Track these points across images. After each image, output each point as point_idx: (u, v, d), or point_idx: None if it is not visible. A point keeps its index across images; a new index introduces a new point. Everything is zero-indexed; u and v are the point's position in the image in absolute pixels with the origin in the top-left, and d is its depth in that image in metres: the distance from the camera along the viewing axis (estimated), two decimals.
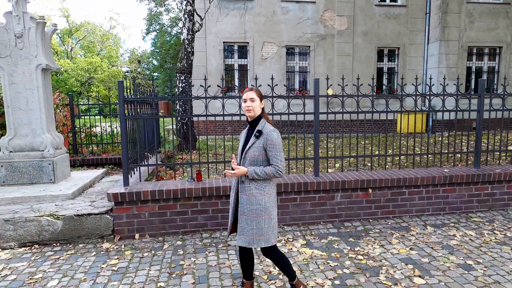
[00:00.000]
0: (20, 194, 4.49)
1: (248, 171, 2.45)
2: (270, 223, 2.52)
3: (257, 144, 2.48)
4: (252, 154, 2.48)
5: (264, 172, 2.45)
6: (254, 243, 2.49)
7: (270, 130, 2.48)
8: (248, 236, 2.49)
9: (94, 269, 3.29)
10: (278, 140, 2.47)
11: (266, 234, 2.50)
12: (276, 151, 2.45)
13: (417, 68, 13.67)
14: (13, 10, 4.82)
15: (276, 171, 2.45)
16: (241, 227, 2.52)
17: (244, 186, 2.52)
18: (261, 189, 2.49)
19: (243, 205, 2.52)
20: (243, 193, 2.52)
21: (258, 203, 2.48)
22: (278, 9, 12.72)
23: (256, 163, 2.49)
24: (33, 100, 5.00)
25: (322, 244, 3.77)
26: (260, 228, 2.48)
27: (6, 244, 3.78)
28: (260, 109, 2.55)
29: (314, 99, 4.30)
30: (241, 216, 2.53)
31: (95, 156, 6.86)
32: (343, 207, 4.36)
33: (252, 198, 2.49)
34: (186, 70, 7.89)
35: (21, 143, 5.01)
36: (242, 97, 2.55)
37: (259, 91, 2.57)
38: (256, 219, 2.48)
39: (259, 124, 2.53)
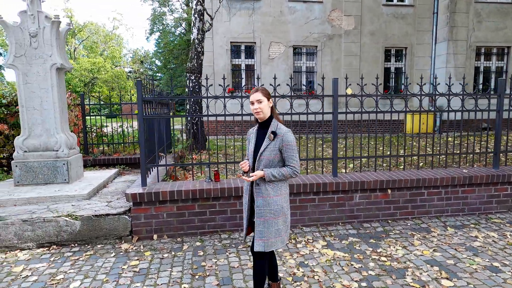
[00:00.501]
0: (36, 194, 4.46)
1: (265, 174, 2.39)
2: (285, 223, 2.50)
3: (272, 145, 2.41)
4: (268, 156, 2.42)
5: (281, 173, 2.41)
6: (273, 245, 2.43)
7: (285, 131, 2.42)
8: (266, 239, 2.41)
9: (115, 270, 3.25)
10: (294, 141, 2.44)
11: (282, 235, 2.48)
12: (292, 152, 2.42)
13: (425, 68, 13.60)
14: (28, 10, 4.80)
15: (293, 171, 2.43)
16: (259, 231, 2.43)
17: (259, 189, 2.45)
18: (277, 190, 2.44)
19: (259, 208, 2.44)
20: (259, 195, 2.45)
21: (276, 204, 2.43)
22: (285, 9, 12.68)
23: (271, 164, 2.44)
24: (47, 99, 4.97)
25: (343, 245, 3.72)
26: (278, 229, 2.44)
27: (24, 245, 3.74)
28: (269, 109, 2.47)
29: (333, 98, 4.25)
30: (258, 220, 2.44)
31: (106, 156, 6.83)
32: (361, 208, 4.32)
33: (269, 199, 2.42)
34: (196, 70, 7.85)
35: (36, 143, 4.98)
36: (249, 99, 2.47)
37: (265, 90, 2.47)
38: (274, 221, 2.42)
39: (272, 125, 2.45)
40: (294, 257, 3.46)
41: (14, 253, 3.65)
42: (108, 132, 7.47)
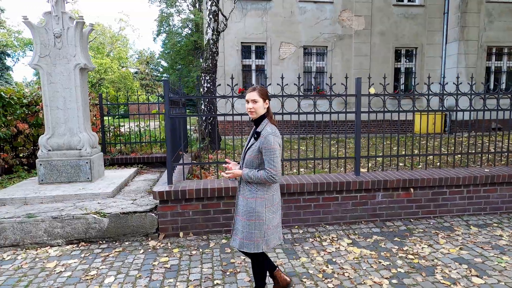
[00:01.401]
0: (61, 192, 4.54)
1: (242, 174, 2.39)
2: (260, 229, 2.41)
3: (254, 146, 2.39)
4: (249, 155, 2.41)
5: (256, 176, 2.35)
6: (244, 246, 2.43)
7: (267, 132, 2.35)
8: (240, 238, 2.44)
9: (146, 266, 3.31)
10: (274, 144, 2.32)
11: (255, 240, 2.41)
12: (270, 155, 2.31)
13: (435, 68, 13.57)
14: (53, 11, 4.88)
15: (269, 176, 2.32)
16: (235, 228, 2.50)
17: (240, 188, 2.50)
18: (253, 193, 2.41)
19: (238, 206, 2.50)
20: (239, 193, 2.51)
21: (249, 207, 2.41)
22: (296, 9, 12.72)
23: (252, 164, 2.41)
24: (70, 99, 5.05)
25: (369, 243, 3.75)
26: (250, 232, 2.40)
27: (54, 242, 3.81)
28: (263, 110, 2.43)
29: (356, 98, 4.28)
30: (236, 217, 2.51)
31: (123, 155, 6.90)
32: (384, 207, 4.34)
33: (245, 200, 2.44)
34: (211, 70, 7.91)
35: (59, 142, 5.06)
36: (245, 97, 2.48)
37: (262, 90, 2.43)
38: (247, 222, 2.41)
39: (260, 125, 2.43)
40: (321, 254, 3.49)
41: (44, 249, 3.72)
42: (125, 132, 7.54)
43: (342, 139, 10.65)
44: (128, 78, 36.93)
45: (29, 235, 3.76)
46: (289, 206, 4.15)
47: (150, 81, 47.31)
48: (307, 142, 3.82)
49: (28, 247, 3.76)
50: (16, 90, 6.44)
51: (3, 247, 3.74)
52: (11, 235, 3.73)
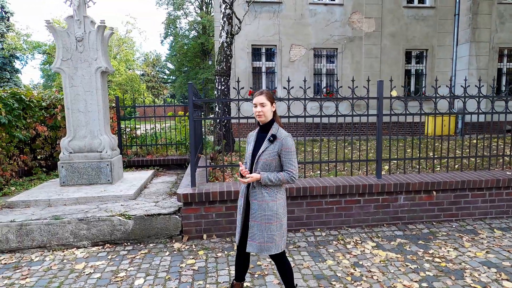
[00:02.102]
0: (84, 194, 4.58)
1: (262, 177, 2.38)
2: (280, 229, 2.46)
3: (270, 149, 2.40)
4: (265, 159, 2.41)
5: (278, 178, 2.38)
6: (265, 250, 2.43)
7: (285, 135, 2.41)
8: (259, 243, 2.43)
9: (174, 268, 3.33)
10: (293, 145, 2.42)
11: (276, 241, 2.44)
12: (291, 156, 2.39)
13: (446, 70, 13.50)
14: (75, 15, 4.94)
15: (290, 177, 2.39)
16: (252, 233, 2.46)
17: (255, 192, 2.45)
18: (273, 195, 2.43)
19: (254, 211, 2.45)
20: (254, 199, 2.46)
21: (271, 210, 2.42)
22: (306, 11, 12.74)
23: (269, 168, 2.42)
24: (91, 102, 5.11)
25: (393, 246, 3.74)
26: (271, 235, 2.42)
27: (80, 243, 3.85)
28: (271, 113, 2.47)
29: (378, 100, 4.29)
30: (252, 222, 2.46)
31: (139, 157, 6.96)
32: (406, 210, 4.33)
33: (264, 204, 2.42)
34: (225, 73, 7.95)
35: (80, 144, 5.12)
36: (252, 101, 2.49)
37: (269, 94, 2.47)
38: (267, 226, 2.41)
39: (272, 129, 2.45)
40: (347, 257, 3.49)
41: (71, 250, 3.76)
42: (141, 134, 7.60)
43: (354, 141, 10.63)
44: (135, 80, 37.12)
45: (55, 237, 3.80)
46: (311, 209, 4.16)
47: (156, 83, 47.58)
48: (321, 144, 3.84)
49: (55, 248, 3.80)
50: (35, 93, 6.52)
51: (30, 248, 3.78)
52: (38, 237, 3.78)
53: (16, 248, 3.77)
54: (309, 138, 11.59)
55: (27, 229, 3.76)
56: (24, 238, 3.76)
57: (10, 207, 4.39)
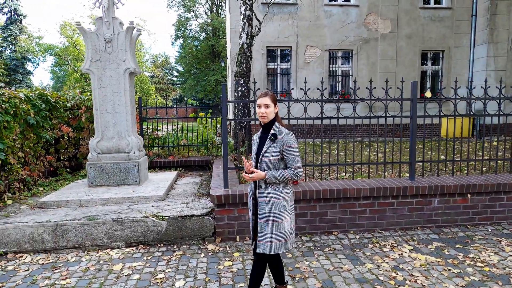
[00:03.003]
0: (113, 195, 4.59)
1: (266, 175, 2.40)
2: (289, 227, 2.48)
3: (272, 147, 2.43)
4: (268, 158, 2.43)
5: (282, 175, 2.40)
6: (275, 248, 2.43)
7: (285, 133, 2.43)
8: (269, 242, 2.43)
9: (212, 270, 3.30)
10: (294, 143, 2.44)
11: (286, 239, 2.45)
12: (293, 154, 2.41)
13: (463, 71, 13.34)
14: (104, 16, 4.97)
15: (295, 174, 2.41)
16: (261, 234, 2.46)
17: (262, 191, 2.47)
18: (279, 193, 2.45)
19: (262, 211, 2.46)
20: (261, 198, 2.47)
21: (278, 207, 2.43)
22: (321, 13, 12.69)
23: (272, 167, 2.44)
24: (119, 103, 5.12)
25: (431, 250, 3.67)
26: (280, 232, 2.43)
27: (114, 244, 3.85)
28: (273, 114, 2.50)
29: (412, 102, 4.23)
30: (261, 222, 2.47)
31: (161, 158, 6.97)
32: (440, 213, 4.26)
33: (271, 202, 2.44)
34: (245, 74, 7.93)
35: (108, 145, 5.13)
36: (256, 102, 2.51)
37: (273, 95, 2.50)
38: (276, 224, 2.43)
39: (273, 128, 2.48)
40: (386, 260, 3.44)
41: (106, 251, 3.76)
42: (162, 135, 7.61)
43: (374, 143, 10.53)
44: (144, 82, 37.35)
45: (90, 237, 3.81)
46: (344, 211, 4.11)
47: (164, 85, 47.83)
48: (354, 146, 3.81)
49: (89, 249, 3.81)
50: (60, 94, 6.58)
51: (65, 249, 3.79)
52: (73, 237, 3.79)
53: (51, 248, 3.78)
54: (326, 139, 11.54)
55: (62, 229, 3.77)
56: (60, 238, 3.77)
57: (42, 207, 4.41)
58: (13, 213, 4.19)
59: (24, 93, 5.31)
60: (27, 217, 4.00)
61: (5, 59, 36.73)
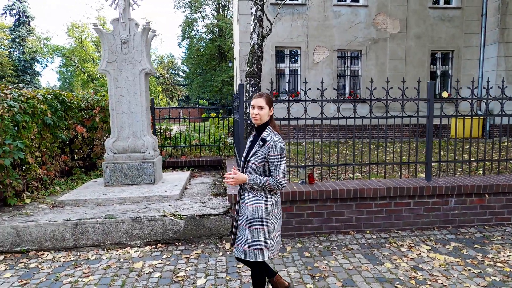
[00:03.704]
0: (130, 194, 4.64)
1: (247, 179, 2.35)
2: (267, 236, 2.38)
3: (259, 153, 2.36)
4: (254, 162, 2.38)
5: (263, 182, 2.32)
6: (250, 255, 2.37)
7: (273, 140, 2.34)
8: (245, 247, 2.38)
9: (232, 269, 3.33)
10: (281, 151, 2.33)
11: (262, 248, 2.37)
12: (277, 162, 2.32)
13: (473, 71, 13.25)
14: (120, 17, 5.03)
15: (275, 183, 2.31)
16: (239, 237, 2.43)
17: (244, 195, 2.43)
18: (259, 200, 2.37)
19: (242, 214, 2.43)
20: (243, 201, 2.44)
21: (256, 214, 2.36)
22: (330, 13, 12.69)
23: (257, 172, 2.38)
24: (135, 103, 5.18)
25: (449, 250, 3.67)
26: (257, 240, 2.36)
27: (133, 242, 3.89)
28: (267, 117, 2.41)
29: (429, 102, 4.23)
30: (240, 225, 2.44)
31: (173, 158, 7.02)
32: (456, 213, 4.25)
33: (250, 208, 2.38)
34: (256, 75, 7.96)
35: (124, 145, 5.19)
36: (250, 103, 2.44)
37: (268, 97, 2.42)
38: (253, 231, 2.36)
39: (264, 132, 2.40)
40: (405, 260, 3.44)
41: (125, 250, 3.80)
42: (175, 135, 7.67)
43: (381, 143, 10.50)
44: (151, 82, 37.53)
45: (109, 236, 3.86)
46: (360, 211, 4.12)
47: (170, 85, 48.04)
48: (370, 146, 3.82)
49: (109, 247, 3.85)
50: (74, 94, 6.65)
51: (85, 247, 3.84)
52: (93, 235, 3.84)
53: (71, 246, 3.83)
54: (334, 140, 11.52)
55: (83, 227, 3.82)
56: (80, 236, 3.82)
57: (60, 206, 4.47)
58: (33, 211, 4.25)
59: (41, 94, 5.39)
60: (47, 215, 4.07)
61: (13, 60, 37.21)
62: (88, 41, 38.80)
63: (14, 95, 4.62)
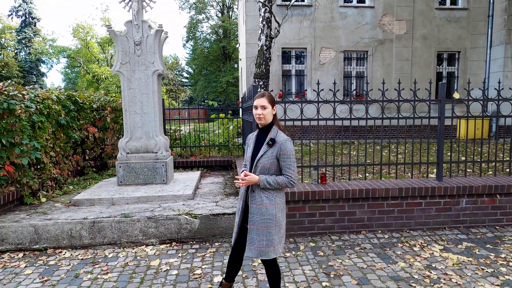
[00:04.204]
0: (143, 194, 4.70)
1: (260, 180, 2.37)
2: (279, 234, 2.45)
3: (269, 152, 2.38)
4: (264, 162, 2.39)
5: (276, 181, 2.36)
6: (264, 254, 2.41)
7: (284, 139, 2.39)
8: (258, 248, 2.41)
9: (247, 267, 3.38)
10: (292, 150, 2.39)
11: (275, 246, 2.42)
12: (289, 161, 2.37)
13: (479, 72, 13.24)
14: (134, 19, 5.10)
15: (289, 181, 2.37)
16: (250, 238, 2.44)
17: (254, 195, 2.44)
18: (272, 199, 2.41)
19: (253, 215, 2.43)
20: (253, 202, 2.44)
21: (269, 214, 2.40)
22: (336, 14, 12.73)
23: (267, 172, 2.40)
24: (147, 104, 5.25)
25: (461, 250, 3.70)
26: (270, 239, 2.40)
27: (148, 241, 3.96)
28: (271, 116, 2.44)
29: (440, 103, 4.26)
30: (250, 227, 2.45)
31: (183, 158, 7.09)
32: (468, 213, 4.28)
33: (262, 208, 2.41)
34: (265, 75, 8.04)
35: (137, 145, 5.26)
36: (253, 103, 2.46)
37: (270, 96, 2.44)
38: (266, 230, 2.40)
39: (271, 132, 2.42)
40: (418, 259, 3.48)
41: (141, 248, 3.87)
42: (184, 135, 7.74)
43: (385, 144, 10.53)
44: None
45: (125, 234, 3.92)
46: (372, 211, 4.16)
47: (174, 86, 48.21)
48: (381, 147, 3.86)
49: (125, 245, 3.92)
50: (86, 95, 6.74)
51: (102, 245, 3.91)
52: (109, 234, 3.90)
53: (88, 244, 3.90)
54: (338, 140, 11.56)
55: (99, 226, 3.89)
56: (96, 235, 3.89)
57: (76, 205, 4.55)
58: (50, 210, 4.33)
59: (56, 94, 5.47)
60: (64, 214, 4.14)
61: (20, 61, 37.51)
62: (93, 42, 39.09)
63: (30, 96, 4.70)
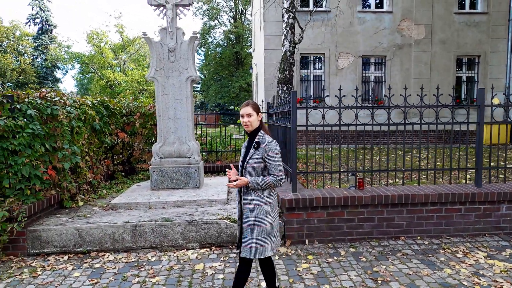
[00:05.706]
0: (179, 198, 4.76)
1: (249, 181, 2.50)
2: (271, 232, 2.57)
3: (256, 155, 2.54)
4: (252, 165, 2.54)
5: (264, 181, 2.50)
6: (258, 253, 2.52)
7: (268, 141, 2.53)
8: (252, 247, 2.52)
9: (292, 272, 3.39)
10: (276, 150, 2.53)
11: (268, 244, 2.54)
12: (274, 161, 2.51)
13: (499, 77, 13.07)
14: (168, 26, 5.20)
15: (276, 180, 2.51)
16: (245, 239, 2.56)
17: (246, 197, 2.58)
18: (262, 199, 2.55)
19: (246, 216, 2.56)
20: (245, 203, 2.58)
21: (260, 213, 2.53)
22: (355, 20, 12.74)
23: (256, 173, 2.54)
24: (180, 109, 5.32)
25: (506, 257, 3.66)
26: (263, 237, 2.53)
27: (189, 245, 4.00)
28: (257, 122, 2.60)
29: (479, 108, 4.24)
30: (245, 227, 2.57)
31: (209, 163, 7.14)
32: (508, 219, 4.22)
33: (254, 208, 2.54)
34: (288, 81, 8.08)
35: (170, 150, 5.33)
36: (239, 112, 2.61)
37: (255, 104, 2.60)
38: (259, 229, 2.52)
39: (258, 136, 2.59)
40: (463, 266, 3.45)
41: (182, 252, 3.91)
42: (208, 140, 7.80)
43: (407, 149, 10.45)
44: None
45: (166, 238, 3.97)
46: (411, 217, 4.14)
47: None
48: (420, 152, 3.87)
49: (166, 249, 3.97)
50: (116, 101, 6.86)
51: (143, 249, 3.97)
52: (150, 238, 3.96)
53: (130, 248, 3.96)
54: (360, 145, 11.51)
55: (141, 230, 3.95)
56: (138, 238, 3.95)
57: (113, 208, 4.62)
58: (89, 213, 4.41)
59: (90, 100, 5.59)
60: (105, 217, 4.21)
61: (36, 67, 38.31)
62: (107, 48, 39.73)
63: (70, 101, 4.82)
